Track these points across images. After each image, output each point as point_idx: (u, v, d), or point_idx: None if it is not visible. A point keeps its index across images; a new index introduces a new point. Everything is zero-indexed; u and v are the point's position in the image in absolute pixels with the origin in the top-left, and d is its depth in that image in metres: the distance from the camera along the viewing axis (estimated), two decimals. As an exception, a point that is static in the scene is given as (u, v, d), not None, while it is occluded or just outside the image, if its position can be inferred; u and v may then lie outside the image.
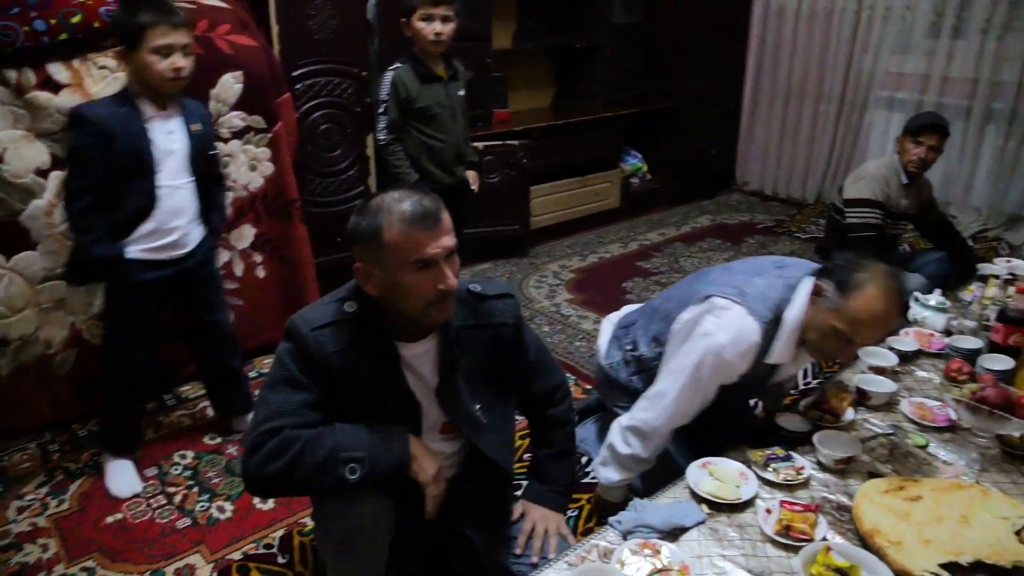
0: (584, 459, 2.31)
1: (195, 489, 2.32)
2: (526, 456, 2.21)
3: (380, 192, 1.44)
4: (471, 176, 3.27)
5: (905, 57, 4.80)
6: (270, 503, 2.25)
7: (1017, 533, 1.44)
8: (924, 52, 4.71)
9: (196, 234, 2.28)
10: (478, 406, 1.56)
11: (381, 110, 3.03)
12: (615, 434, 1.87)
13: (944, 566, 1.35)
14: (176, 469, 2.42)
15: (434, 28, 2.88)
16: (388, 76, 3.00)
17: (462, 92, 3.13)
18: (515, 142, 4.07)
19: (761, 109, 5.55)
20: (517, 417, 1.76)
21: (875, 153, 4.89)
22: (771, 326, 1.69)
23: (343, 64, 3.32)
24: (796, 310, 1.70)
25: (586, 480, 2.24)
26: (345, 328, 1.45)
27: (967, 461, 1.72)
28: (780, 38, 5.27)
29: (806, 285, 1.71)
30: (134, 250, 2.15)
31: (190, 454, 2.49)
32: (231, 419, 2.61)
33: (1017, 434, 1.73)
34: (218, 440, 2.57)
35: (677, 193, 5.39)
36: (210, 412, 2.67)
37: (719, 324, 1.69)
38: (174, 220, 2.19)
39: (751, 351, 1.69)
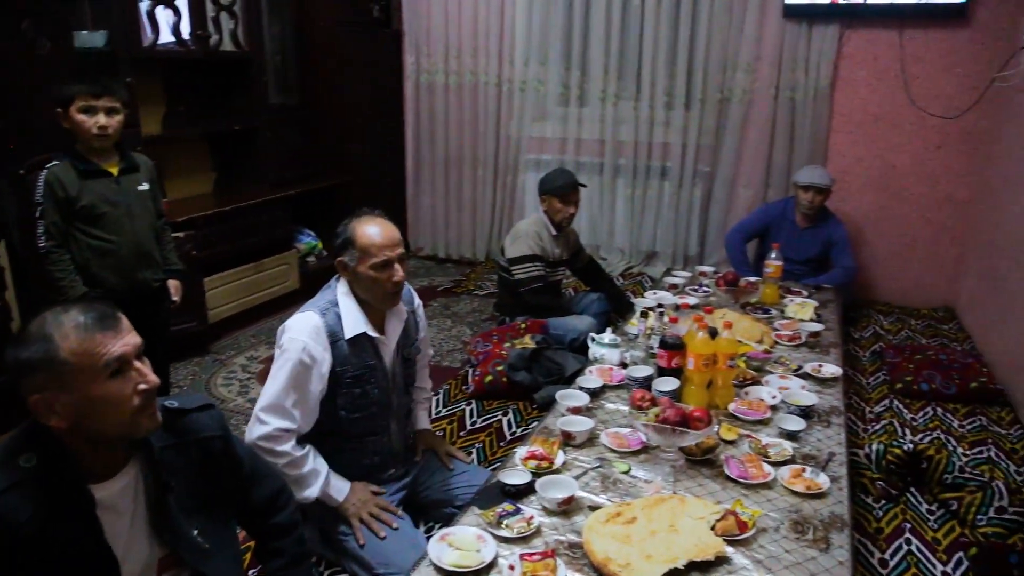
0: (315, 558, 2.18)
1: None
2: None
3: (35, 317, 1.25)
4: (173, 287, 2.98)
5: (544, 123, 5.43)
6: None
7: (712, 528, 1.65)
8: (559, 118, 5.38)
9: None
10: (196, 531, 1.40)
11: (38, 214, 2.64)
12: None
13: (667, 575, 1.50)
14: None
15: (97, 121, 2.61)
16: (42, 175, 2.63)
17: (144, 187, 2.84)
18: (180, 233, 3.79)
19: (424, 177, 5.84)
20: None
21: (531, 209, 5.38)
22: (332, 313, 2.03)
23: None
24: (340, 293, 2.07)
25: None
26: (31, 487, 1.21)
27: (662, 476, 1.93)
28: (433, 110, 5.62)
29: (336, 283, 2.10)
30: None
31: None
32: None
33: (694, 443, 1.98)
34: None
35: (357, 266, 5.43)
36: None
37: (289, 325, 2.01)
38: None
39: (318, 330, 1.99)
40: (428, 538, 1.68)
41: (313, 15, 4.97)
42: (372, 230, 2.01)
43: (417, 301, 2.32)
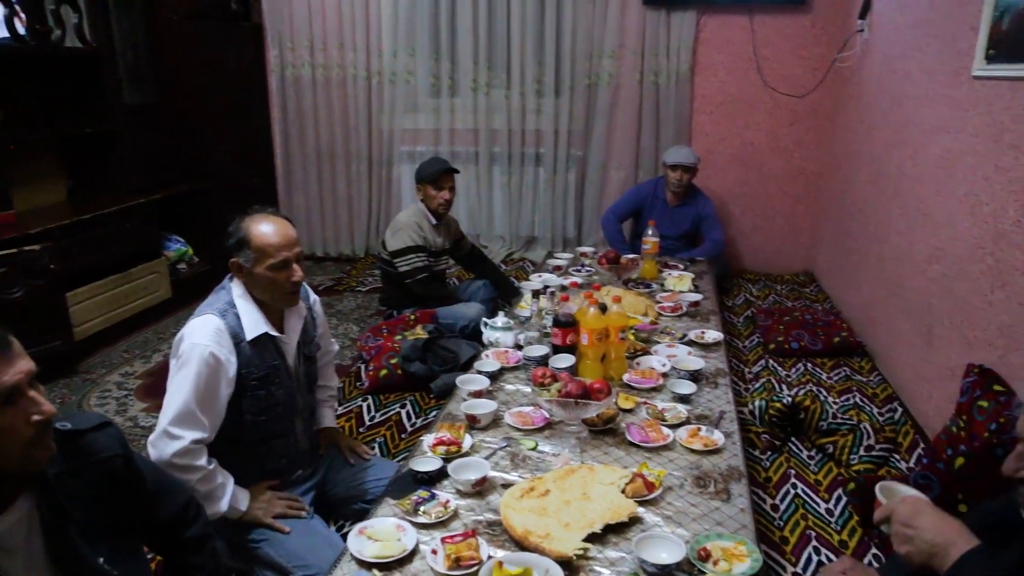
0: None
1: None
2: None
3: None
4: None
5: (416, 115, 5.40)
6: None
7: (623, 491, 1.71)
8: (431, 110, 5.37)
9: None
10: (102, 559, 1.30)
11: None
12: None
13: (586, 539, 1.55)
14: None
15: None
16: None
17: None
18: (35, 247, 3.51)
19: (296, 175, 5.68)
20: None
21: (408, 201, 5.33)
22: (231, 315, 1.96)
23: None
24: (236, 295, 2.00)
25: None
26: None
27: (569, 448, 1.98)
28: (301, 107, 5.47)
29: (230, 283, 2.03)
30: None
31: None
32: None
33: (595, 415, 2.05)
34: None
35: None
36: None
37: (189, 331, 1.91)
38: None
39: (220, 332, 1.91)
40: (344, 536, 1.65)
41: (165, 8, 4.70)
42: (267, 229, 1.95)
43: (313, 297, 2.27)
